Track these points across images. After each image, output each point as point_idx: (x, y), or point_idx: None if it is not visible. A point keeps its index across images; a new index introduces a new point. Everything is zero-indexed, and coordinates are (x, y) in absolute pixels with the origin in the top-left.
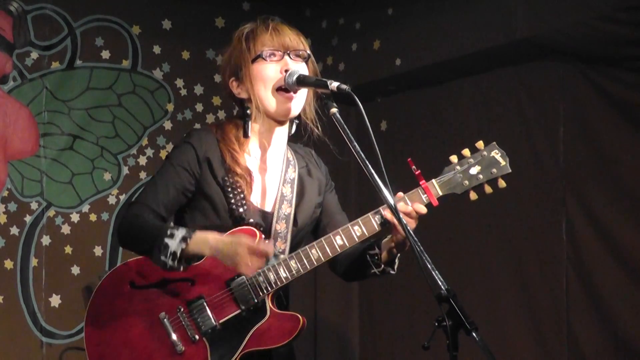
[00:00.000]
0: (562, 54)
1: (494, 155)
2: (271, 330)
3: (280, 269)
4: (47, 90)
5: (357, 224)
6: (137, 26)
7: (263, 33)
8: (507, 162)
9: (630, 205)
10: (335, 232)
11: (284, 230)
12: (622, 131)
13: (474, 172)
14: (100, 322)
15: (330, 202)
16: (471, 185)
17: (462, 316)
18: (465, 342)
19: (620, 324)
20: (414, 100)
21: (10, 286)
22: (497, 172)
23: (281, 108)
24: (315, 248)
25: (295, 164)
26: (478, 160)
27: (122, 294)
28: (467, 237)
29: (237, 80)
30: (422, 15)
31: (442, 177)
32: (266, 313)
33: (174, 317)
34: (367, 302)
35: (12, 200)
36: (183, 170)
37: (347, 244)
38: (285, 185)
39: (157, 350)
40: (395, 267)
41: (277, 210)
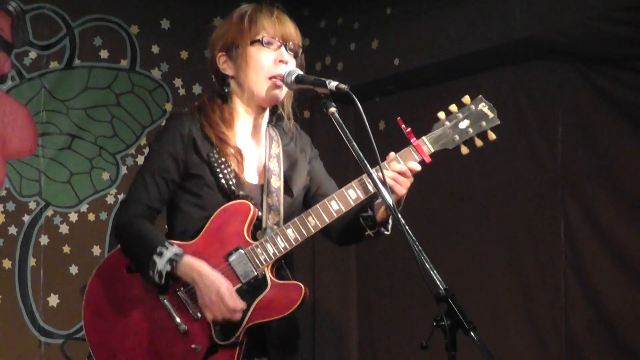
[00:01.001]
0: (561, 54)
1: (481, 108)
2: (274, 302)
3: (278, 239)
4: (45, 90)
5: (351, 187)
6: (136, 26)
7: (266, 18)
8: (495, 114)
9: (628, 205)
10: (330, 197)
11: (276, 203)
12: (620, 131)
13: (463, 126)
14: (99, 310)
15: (317, 170)
16: (462, 139)
17: (460, 316)
18: (463, 342)
19: (618, 323)
20: (413, 100)
21: (8, 286)
22: (487, 125)
23: (269, 94)
24: (312, 215)
25: (279, 140)
26: (466, 115)
27: (119, 280)
28: (466, 237)
29: (227, 56)
30: (420, 15)
31: (432, 134)
32: (267, 285)
33: (174, 297)
34: (366, 301)
35: (11, 199)
36: (169, 158)
37: (343, 209)
38: (272, 160)
39: (160, 332)
40: (389, 228)
41: (266, 184)
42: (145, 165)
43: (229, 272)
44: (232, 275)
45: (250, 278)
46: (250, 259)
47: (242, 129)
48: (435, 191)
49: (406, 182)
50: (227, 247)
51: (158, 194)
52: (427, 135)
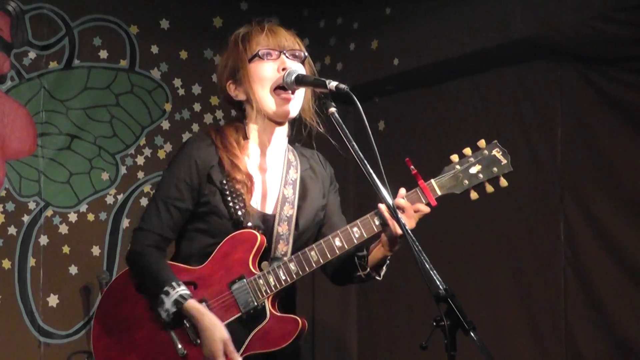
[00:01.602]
0: (560, 54)
1: (495, 153)
2: (271, 333)
3: (280, 272)
4: (44, 90)
5: (355, 225)
6: (135, 26)
7: (258, 33)
8: (508, 161)
9: (628, 205)
10: (335, 234)
11: (286, 232)
12: (620, 131)
13: (474, 171)
14: (107, 327)
15: (331, 203)
16: (471, 184)
17: (460, 316)
18: (463, 342)
19: (618, 323)
20: (412, 100)
21: (8, 286)
22: (498, 171)
23: (280, 110)
24: (315, 250)
25: (298, 165)
26: (479, 159)
27: (128, 298)
28: (465, 237)
29: (234, 83)
30: (420, 15)
31: (441, 177)
32: (266, 316)
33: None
34: (365, 302)
35: (10, 200)
36: (184, 185)
37: (346, 246)
38: (287, 187)
39: (160, 354)
40: (381, 274)
41: (278, 212)
42: (159, 191)
43: (231, 301)
44: (234, 303)
45: (250, 308)
46: (251, 289)
47: (257, 153)
48: None
49: (411, 221)
50: (232, 275)
51: (172, 223)
52: (436, 179)
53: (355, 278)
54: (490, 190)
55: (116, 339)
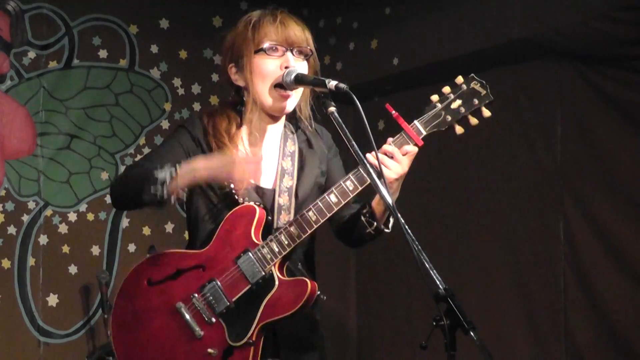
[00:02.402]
0: (560, 53)
1: (473, 86)
2: (282, 299)
3: (282, 237)
4: (44, 90)
5: (348, 179)
6: (135, 25)
7: (269, 24)
8: (487, 91)
9: (627, 204)
10: (329, 191)
11: (287, 203)
12: (619, 131)
13: (455, 106)
14: (124, 323)
15: (333, 169)
16: (455, 119)
17: (460, 315)
18: (463, 342)
19: (617, 322)
20: (412, 100)
21: (7, 285)
22: (479, 102)
23: (276, 105)
24: (312, 210)
25: (295, 138)
26: (458, 94)
27: (141, 292)
28: (465, 236)
29: (236, 67)
30: (419, 15)
31: (423, 117)
32: (275, 283)
33: (190, 304)
34: (366, 301)
35: (10, 199)
36: (179, 147)
37: (342, 200)
38: (285, 159)
39: (178, 339)
40: (389, 226)
41: (278, 184)
42: (155, 148)
43: (238, 274)
44: (241, 276)
45: (258, 278)
46: (257, 260)
47: (249, 134)
48: (434, 191)
49: (396, 165)
50: (236, 251)
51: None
52: (419, 119)
53: (366, 235)
54: (475, 122)
55: (134, 332)
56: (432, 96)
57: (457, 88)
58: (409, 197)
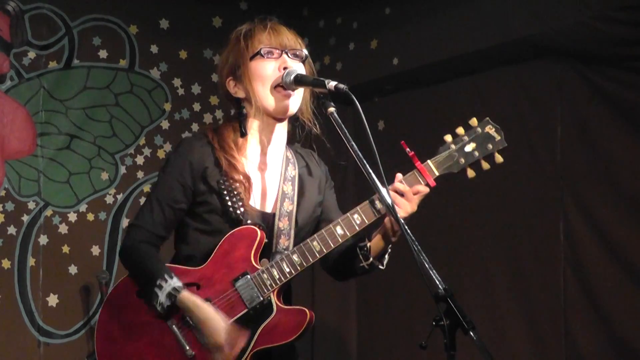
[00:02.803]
0: (560, 53)
1: (488, 130)
2: (279, 327)
3: (284, 264)
4: (44, 90)
5: (356, 212)
6: (135, 26)
7: (261, 31)
8: (502, 136)
9: (627, 204)
10: (336, 223)
11: (287, 227)
12: (619, 131)
13: (469, 149)
14: (110, 336)
15: (328, 200)
16: (467, 162)
17: (459, 315)
18: (463, 342)
19: (617, 323)
20: (412, 100)
21: (7, 286)
22: (493, 148)
23: (279, 106)
24: (317, 240)
25: (295, 163)
26: (472, 137)
27: (129, 305)
28: (464, 236)
29: (234, 79)
30: (419, 15)
31: (437, 157)
32: (273, 310)
33: (182, 322)
34: (365, 301)
35: (10, 199)
36: (176, 184)
37: (348, 233)
38: (286, 183)
39: (168, 357)
40: (384, 263)
41: (278, 208)
42: (153, 190)
43: (236, 298)
44: (239, 300)
45: (256, 303)
46: (256, 284)
47: (256, 152)
48: (434, 191)
49: (406, 204)
50: (234, 272)
51: (164, 222)
52: (432, 159)
53: (359, 269)
54: (487, 167)
55: (121, 346)
56: (446, 136)
57: (471, 131)
58: None
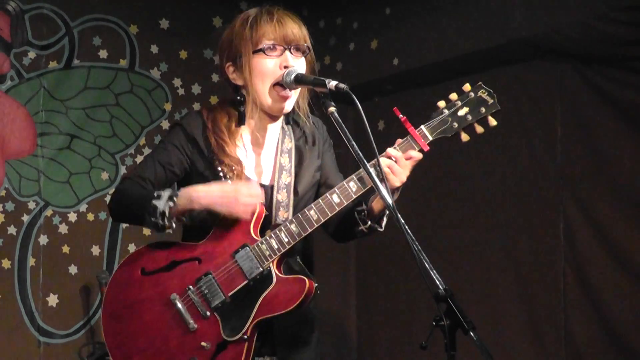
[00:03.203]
0: (560, 53)
1: (480, 94)
2: (279, 296)
3: (282, 234)
4: (44, 90)
5: (352, 180)
6: (135, 26)
7: (267, 23)
8: (495, 100)
9: (627, 204)
10: (332, 191)
11: (286, 199)
12: (619, 130)
13: (462, 113)
14: (115, 313)
15: (327, 163)
16: (461, 126)
17: (460, 315)
18: (463, 342)
19: (617, 322)
20: (412, 100)
21: (7, 285)
22: (486, 111)
23: (276, 105)
24: (314, 209)
25: (291, 135)
26: (465, 102)
27: (134, 282)
28: (465, 236)
29: (234, 66)
30: (419, 15)
31: (430, 122)
32: (272, 280)
33: (185, 296)
34: (366, 301)
35: (10, 199)
36: (174, 149)
37: (345, 201)
38: (283, 156)
39: (171, 332)
40: (382, 225)
41: (276, 180)
42: (151, 152)
43: (236, 269)
44: (239, 272)
45: (255, 274)
46: (255, 256)
47: (250, 137)
48: (434, 191)
49: (401, 171)
50: (234, 245)
51: (154, 176)
52: (425, 124)
53: (358, 232)
54: (480, 131)
55: (126, 323)
56: (439, 102)
57: (464, 95)
58: (409, 197)
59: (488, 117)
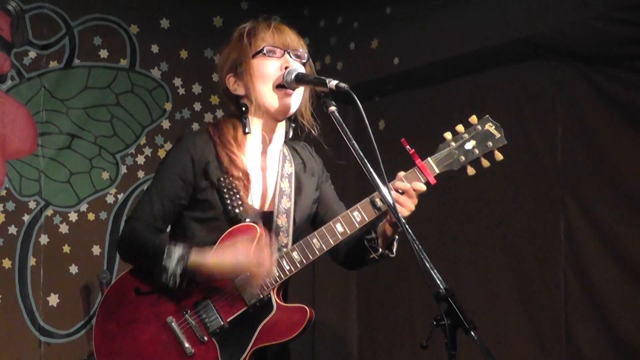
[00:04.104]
0: (560, 53)
1: (488, 128)
2: (279, 324)
3: (284, 262)
4: (45, 90)
5: (356, 209)
6: (135, 25)
7: (264, 30)
8: (502, 134)
9: (628, 204)
10: (336, 220)
11: (286, 224)
12: (619, 130)
13: (469, 147)
14: (108, 332)
15: (326, 193)
16: (467, 160)
17: (460, 315)
18: (463, 342)
19: (618, 322)
20: (412, 100)
21: (8, 285)
22: (493, 145)
23: (280, 105)
24: (317, 237)
25: (292, 160)
26: (472, 135)
27: (128, 302)
28: (465, 236)
29: (235, 76)
30: (420, 15)
31: (437, 155)
32: (273, 308)
33: (182, 319)
34: (366, 301)
35: (10, 199)
36: (177, 180)
37: (348, 231)
38: (283, 180)
39: (166, 355)
40: (394, 250)
41: (276, 206)
42: (153, 183)
43: (236, 294)
44: (239, 298)
45: (255, 301)
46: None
47: (256, 150)
48: (434, 191)
49: (408, 202)
50: None
51: (162, 214)
52: (433, 157)
53: (369, 260)
54: (487, 165)
55: (119, 343)
56: (446, 134)
57: (471, 128)
58: None
59: (494, 151)
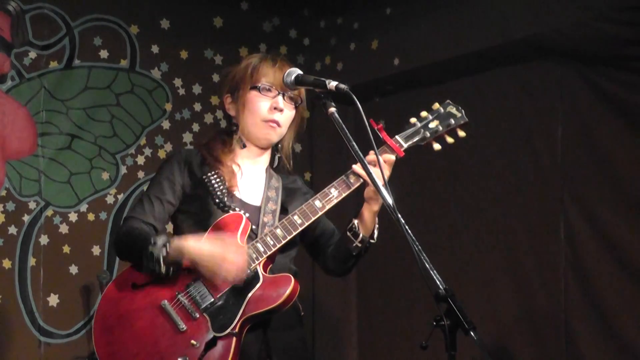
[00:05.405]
0: (561, 54)
1: (449, 110)
2: (265, 293)
3: (267, 238)
4: (45, 90)
5: (332, 186)
6: (135, 26)
7: (268, 66)
8: (463, 114)
9: (628, 205)
10: (314, 197)
11: (271, 221)
12: (620, 131)
13: (432, 125)
14: (107, 325)
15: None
16: (432, 136)
17: (460, 316)
18: (463, 342)
19: (618, 324)
20: (412, 100)
21: (8, 286)
22: (455, 123)
23: (263, 135)
24: (297, 214)
25: (279, 178)
26: (435, 116)
27: (126, 296)
28: (465, 236)
29: (231, 98)
30: (420, 15)
31: (403, 133)
32: (259, 280)
33: (174, 301)
34: (366, 301)
35: (10, 199)
36: (167, 182)
37: (326, 205)
38: (270, 190)
39: (162, 335)
40: (374, 237)
41: (263, 206)
42: (146, 190)
43: None
44: None
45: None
46: None
47: (243, 163)
48: (434, 191)
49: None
50: None
51: (153, 212)
52: (399, 134)
53: (353, 249)
54: (451, 141)
55: (117, 333)
56: (411, 119)
57: (434, 111)
58: (409, 196)
59: (457, 129)
